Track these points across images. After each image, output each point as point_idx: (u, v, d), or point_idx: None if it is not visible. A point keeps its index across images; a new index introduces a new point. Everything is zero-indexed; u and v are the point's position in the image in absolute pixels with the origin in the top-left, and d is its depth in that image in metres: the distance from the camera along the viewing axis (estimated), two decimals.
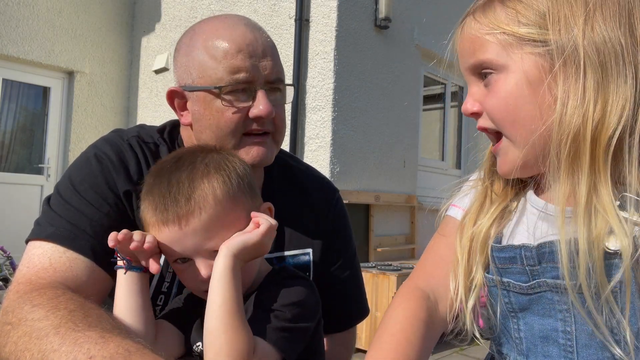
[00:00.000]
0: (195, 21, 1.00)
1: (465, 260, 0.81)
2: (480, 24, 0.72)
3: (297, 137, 4.27)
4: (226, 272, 0.80)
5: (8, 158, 5.55)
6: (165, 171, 0.87)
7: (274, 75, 1.00)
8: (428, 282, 0.87)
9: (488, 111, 0.74)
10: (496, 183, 0.83)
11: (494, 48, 0.71)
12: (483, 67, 0.73)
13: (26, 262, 0.89)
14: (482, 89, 0.75)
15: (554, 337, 0.72)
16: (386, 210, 4.69)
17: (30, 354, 0.71)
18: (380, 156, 4.64)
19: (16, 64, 5.41)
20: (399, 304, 0.84)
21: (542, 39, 0.68)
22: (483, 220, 0.80)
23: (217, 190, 0.84)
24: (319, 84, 4.23)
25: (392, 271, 3.75)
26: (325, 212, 1.19)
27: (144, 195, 0.88)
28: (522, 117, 0.70)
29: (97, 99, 5.98)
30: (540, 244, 0.72)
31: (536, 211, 0.77)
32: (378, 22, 4.52)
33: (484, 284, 0.80)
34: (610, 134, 0.64)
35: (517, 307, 0.76)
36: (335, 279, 1.18)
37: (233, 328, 0.76)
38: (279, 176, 1.15)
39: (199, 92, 0.99)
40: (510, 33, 0.69)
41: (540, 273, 0.72)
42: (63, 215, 0.93)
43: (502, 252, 0.77)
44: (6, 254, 4.16)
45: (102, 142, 1.02)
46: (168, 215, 0.83)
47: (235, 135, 0.98)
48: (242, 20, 1.02)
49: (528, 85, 0.69)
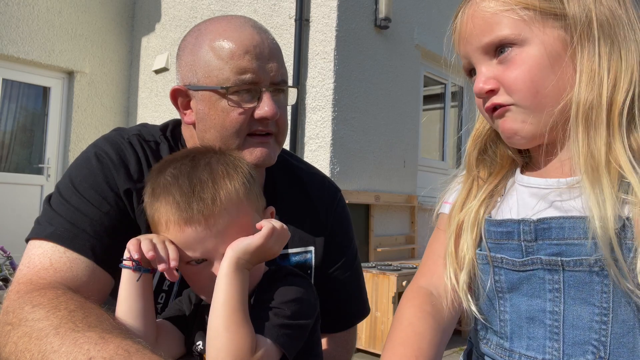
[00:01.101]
0: (195, 21, 1.00)
1: (453, 244, 0.84)
2: (497, 1, 0.74)
3: (297, 137, 4.27)
4: (231, 272, 0.81)
5: (8, 158, 5.55)
6: (182, 170, 0.86)
7: (279, 77, 1.01)
8: (429, 279, 0.89)
9: (509, 84, 0.75)
10: (482, 170, 0.87)
11: (515, 23, 0.73)
12: (502, 44, 0.74)
13: (26, 262, 0.89)
14: (494, 66, 0.76)
15: (541, 318, 0.73)
16: (386, 210, 4.69)
17: (30, 354, 0.71)
18: (380, 156, 4.64)
19: (16, 64, 5.42)
20: (404, 303, 0.86)
21: (562, 13, 0.71)
22: (472, 203, 0.84)
23: (239, 191, 0.85)
24: (319, 84, 4.23)
25: (392, 271, 3.75)
26: (327, 211, 1.19)
27: (156, 194, 0.86)
28: (545, 87, 0.72)
29: (97, 99, 5.98)
30: (540, 219, 0.73)
31: (525, 189, 0.79)
32: (378, 22, 4.52)
33: (475, 262, 0.82)
34: (623, 98, 0.68)
35: (507, 286, 0.77)
36: (336, 278, 1.18)
37: (236, 326, 0.77)
38: (281, 175, 1.16)
39: (204, 91, 0.99)
40: (532, 8, 0.72)
41: (536, 250, 0.74)
42: (63, 214, 0.93)
43: (499, 226, 0.78)
44: (6, 254, 4.16)
45: (103, 141, 1.02)
46: (193, 213, 0.82)
47: (240, 135, 0.99)
48: (249, 22, 1.03)
49: (550, 57, 0.72)
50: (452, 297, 0.85)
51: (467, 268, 0.81)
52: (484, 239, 0.80)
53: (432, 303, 0.85)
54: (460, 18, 0.79)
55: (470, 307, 0.82)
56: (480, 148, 0.88)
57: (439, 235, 0.91)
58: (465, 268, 0.81)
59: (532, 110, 0.74)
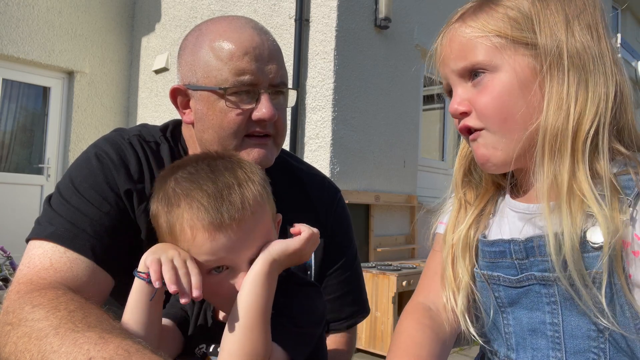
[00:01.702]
0: (195, 21, 1.00)
1: (450, 267, 0.87)
2: (472, 28, 0.77)
3: (297, 137, 4.27)
4: (264, 273, 0.79)
5: (8, 158, 5.55)
6: (202, 174, 0.81)
7: (279, 79, 1.01)
8: (427, 296, 0.92)
9: (480, 109, 0.77)
10: (468, 193, 0.90)
11: (488, 50, 0.76)
12: (476, 68, 0.77)
13: (27, 262, 0.89)
14: (469, 89, 0.79)
15: (542, 330, 0.76)
16: (386, 210, 4.69)
17: (30, 354, 0.71)
18: (380, 156, 4.63)
19: (16, 64, 5.41)
20: (403, 318, 0.89)
21: (533, 42, 0.74)
22: (460, 226, 0.86)
23: (262, 194, 0.84)
24: (319, 84, 4.22)
25: (392, 271, 3.75)
26: (327, 212, 1.19)
27: (174, 201, 0.81)
28: (514, 114, 0.75)
29: (97, 99, 5.98)
30: (528, 238, 0.76)
31: (514, 213, 0.81)
32: (378, 22, 4.52)
33: (474, 281, 0.84)
34: (587, 128, 0.70)
35: (507, 301, 0.80)
36: (336, 278, 1.18)
37: (259, 330, 0.76)
38: (281, 176, 1.15)
39: (202, 91, 0.99)
40: (504, 36, 0.75)
41: (529, 267, 0.76)
42: (63, 214, 0.93)
43: (492, 246, 0.81)
44: (6, 254, 4.16)
45: (103, 141, 1.02)
46: (224, 218, 0.77)
47: (237, 136, 0.99)
48: (250, 23, 1.03)
49: (519, 84, 0.75)
50: (451, 315, 0.87)
51: (464, 291, 0.84)
52: (481, 259, 0.83)
53: (431, 316, 0.87)
54: (440, 41, 0.82)
55: (468, 329, 0.84)
56: (465, 169, 0.90)
57: (436, 255, 0.95)
58: (462, 291, 0.84)
59: (502, 136, 0.76)
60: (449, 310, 0.87)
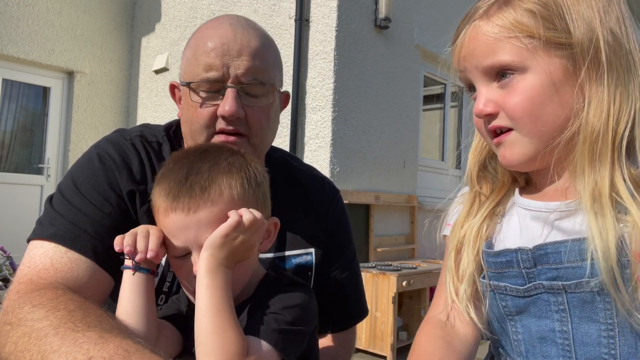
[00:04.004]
0: (195, 21, 1.00)
1: (453, 260, 0.85)
2: (500, 27, 0.73)
3: (297, 137, 4.27)
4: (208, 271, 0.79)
5: (8, 158, 5.55)
6: (186, 160, 0.87)
7: (250, 75, 0.98)
8: (438, 309, 0.91)
9: (509, 110, 0.74)
10: (484, 186, 0.87)
11: (517, 51, 0.72)
12: (503, 69, 0.73)
13: (27, 262, 0.89)
14: (495, 89, 0.75)
15: (552, 338, 0.74)
16: (386, 210, 4.69)
17: (29, 354, 0.71)
18: (380, 156, 4.63)
19: (16, 64, 5.41)
20: (417, 335, 0.89)
21: (568, 42, 0.70)
22: (473, 220, 0.84)
23: (233, 189, 0.84)
24: (319, 84, 4.22)
25: (392, 271, 3.75)
26: (326, 213, 1.19)
27: (158, 179, 0.88)
28: (546, 115, 0.72)
29: (97, 99, 5.98)
30: (537, 246, 0.74)
31: (526, 212, 0.79)
32: (378, 22, 4.52)
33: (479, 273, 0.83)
34: (622, 128, 0.69)
35: (514, 310, 0.78)
36: (335, 279, 1.18)
37: (222, 330, 0.75)
38: (280, 176, 1.15)
39: (182, 86, 1.03)
40: (537, 37, 0.71)
41: (537, 275, 0.74)
42: (65, 215, 0.93)
43: (497, 257, 0.79)
44: (6, 254, 4.16)
45: (105, 142, 1.03)
46: (179, 201, 0.82)
47: (205, 131, 0.99)
48: (230, 20, 1.02)
49: (553, 85, 0.71)
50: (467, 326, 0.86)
51: (468, 281, 0.82)
52: (486, 269, 0.81)
53: (443, 328, 0.87)
54: (461, 38, 0.78)
55: (471, 316, 0.83)
56: (480, 164, 0.88)
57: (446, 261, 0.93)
58: (466, 281, 0.82)
59: (531, 137, 0.74)
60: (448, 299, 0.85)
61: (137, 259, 0.82)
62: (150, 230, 0.85)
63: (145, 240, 0.83)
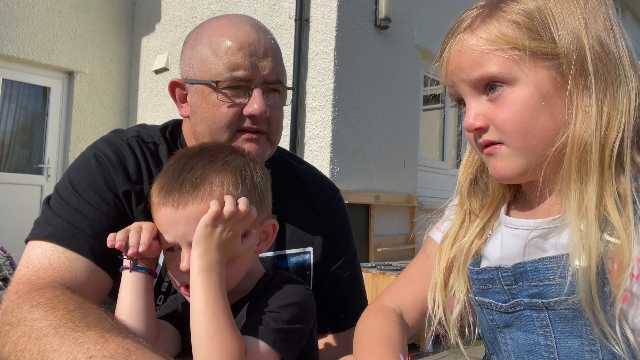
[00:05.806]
0: (195, 21, 1.01)
1: (441, 282, 0.85)
2: (485, 40, 0.71)
3: (297, 137, 4.27)
4: (200, 272, 0.79)
5: (8, 158, 5.55)
6: (185, 157, 0.88)
7: (273, 76, 1.01)
8: (393, 299, 0.92)
9: (499, 124, 0.73)
10: (474, 202, 0.86)
11: (504, 62, 0.70)
12: (491, 81, 0.72)
13: (25, 262, 0.89)
14: (485, 103, 0.74)
15: (538, 351, 0.75)
16: (386, 210, 4.69)
17: (29, 354, 0.71)
18: (380, 156, 4.64)
19: (16, 64, 5.41)
20: (368, 317, 0.89)
21: (554, 52, 0.69)
22: (464, 239, 0.84)
23: (225, 187, 0.84)
24: (319, 84, 4.22)
25: (392, 271, 3.75)
26: (326, 212, 1.19)
27: (157, 176, 0.90)
28: (537, 129, 0.70)
29: (97, 99, 5.98)
30: (516, 264, 0.74)
31: (508, 229, 0.79)
32: (378, 22, 4.52)
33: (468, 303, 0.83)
34: (613, 139, 0.67)
35: (501, 324, 0.79)
36: (335, 278, 1.18)
37: (220, 333, 0.75)
38: (280, 175, 1.15)
39: (198, 85, 1.01)
40: (522, 48, 0.69)
41: (518, 292, 0.75)
42: (62, 215, 0.93)
43: (480, 274, 0.80)
44: (6, 254, 4.16)
45: (102, 143, 1.03)
46: (169, 196, 0.83)
47: (229, 130, 1.00)
48: (249, 21, 1.05)
49: (542, 97, 0.70)
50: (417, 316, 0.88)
51: (460, 306, 0.82)
52: (471, 286, 0.82)
53: (397, 315, 0.87)
54: (447, 52, 0.77)
55: (458, 344, 0.83)
56: (471, 179, 0.87)
57: (420, 262, 0.94)
58: (458, 306, 0.82)
59: (522, 151, 0.72)
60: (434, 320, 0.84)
61: (129, 253, 0.82)
62: (143, 226, 0.86)
63: (137, 235, 0.83)
